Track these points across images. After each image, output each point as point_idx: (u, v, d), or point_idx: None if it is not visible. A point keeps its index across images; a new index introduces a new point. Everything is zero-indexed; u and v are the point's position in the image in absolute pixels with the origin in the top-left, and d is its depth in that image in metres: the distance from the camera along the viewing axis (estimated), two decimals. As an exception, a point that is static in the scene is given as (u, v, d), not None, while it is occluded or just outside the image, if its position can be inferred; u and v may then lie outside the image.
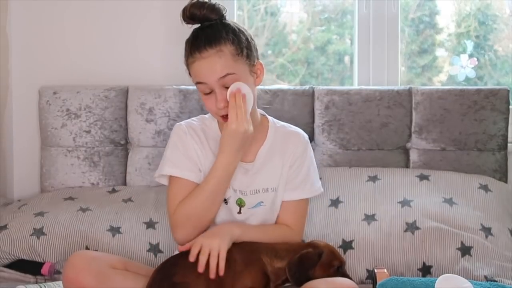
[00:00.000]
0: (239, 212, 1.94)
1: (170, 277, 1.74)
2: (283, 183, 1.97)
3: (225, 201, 1.94)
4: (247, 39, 1.88)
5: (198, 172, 1.93)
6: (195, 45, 1.84)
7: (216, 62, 1.82)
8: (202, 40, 1.83)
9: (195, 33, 1.88)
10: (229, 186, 1.91)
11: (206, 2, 1.86)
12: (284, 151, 1.98)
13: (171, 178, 1.94)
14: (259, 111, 2.02)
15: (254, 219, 1.95)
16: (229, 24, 1.88)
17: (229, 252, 1.80)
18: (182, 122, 2.00)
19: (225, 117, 1.85)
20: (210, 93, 1.85)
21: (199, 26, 1.88)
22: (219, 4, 1.88)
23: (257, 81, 1.93)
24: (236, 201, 1.94)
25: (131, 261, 1.97)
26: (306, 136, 2.04)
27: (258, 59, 1.92)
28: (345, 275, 1.87)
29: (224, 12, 1.88)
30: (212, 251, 1.75)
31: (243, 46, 1.85)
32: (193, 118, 2.04)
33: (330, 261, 1.85)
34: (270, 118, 2.04)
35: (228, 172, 1.86)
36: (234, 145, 1.83)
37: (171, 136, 1.98)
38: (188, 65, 1.89)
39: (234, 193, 1.93)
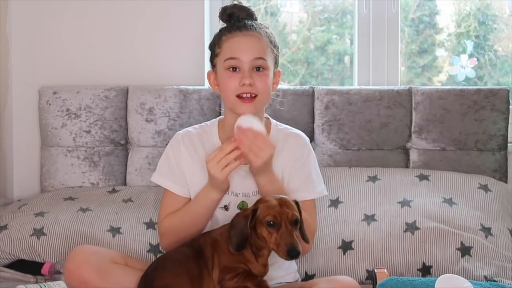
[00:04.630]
0: None
1: (150, 283, 1.74)
2: (284, 183, 1.97)
3: (226, 207, 1.94)
4: (277, 46, 2.00)
5: (185, 185, 1.97)
6: (236, 26, 1.94)
7: (256, 43, 1.92)
8: (244, 24, 1.94)
9: (236, 20, 1.97)
10: (212, 215, 1.93)
11: (246, 7, 2.00)
12: (284, 152, 1.98)
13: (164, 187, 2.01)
14: (264, 114, 2.05)
15: None
16: (265, 24, 2.01)
17: (203, 249, 1.78)
18: (181, 131, 2.05)
19: (241, 97, 1.90)
20: (235, 71, 1.91)
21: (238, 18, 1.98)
22: (255, 12, 2.01)
23: (274, 87, 2.01)
24: (238, 205, 1.94)
25: (131, 257, 2.00)
26: (306, 138, 2.05)
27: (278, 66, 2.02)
28: (285, 234, 1.65)
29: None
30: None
31: (275, 46, 1.97)
32: (195, 125, 2.08)
33: (264, 217, 1.68)
34: (273, 121, 2.07)
35: (208, 203, 1.90)
36: (212, 182, 1.86)
37: (168, 144, 2.05)
38: (220, 42, 1.94)
39: (235, 198, 1.94)
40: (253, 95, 1.89)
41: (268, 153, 1.81)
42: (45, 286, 1.94)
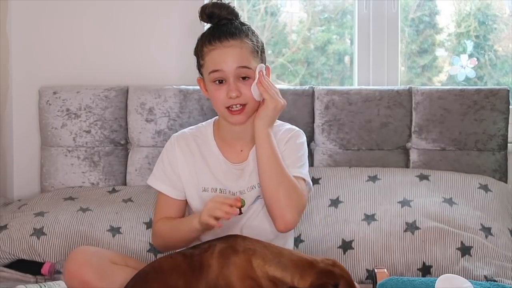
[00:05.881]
0: (240, 213, 1.95)
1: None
2: None
3: None
4: (261, 42, 1.96)
5: (179, 188, 1.98)
6: (216, 36, 1.88)
7: (237, 52, 1.87)
8: (223, 32, 1.88)
9: (214, 27, 1.92)
10: (197, 239, 1.92)
11: (225, 4, 1.93)
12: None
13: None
14: None
15: (254, 214, 1.96)
16: (247, 24, 1.95)
17: (208, 256, 1.74)
18: (177, 133, 2.05)
19: (230, 109, 1.88)
20: (221, 83, 1.88)
21: (217, 22, 1.92)
22: (235, 7, 1.96)
23: None
24: None
25: (131, 257, 2.00)
26: (300, 130, 2.04)
27: (266, 63, 1.98)
28: None
29: (240, 15, 1.96)
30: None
31: (259, 47, 1.93)
32: (191, 126, 2.07)
33: None
34: None
35: (190, 228, 1.87)
36: (201, 215, 1.82)
37: (164, 148, 2.04)
38: (203, 54, 1.91)
39: (232, 196, 1.94)
40: (242, 105, 1.89)
41: (280, 102, 1.88)
42: (45, 286, 1.94)
